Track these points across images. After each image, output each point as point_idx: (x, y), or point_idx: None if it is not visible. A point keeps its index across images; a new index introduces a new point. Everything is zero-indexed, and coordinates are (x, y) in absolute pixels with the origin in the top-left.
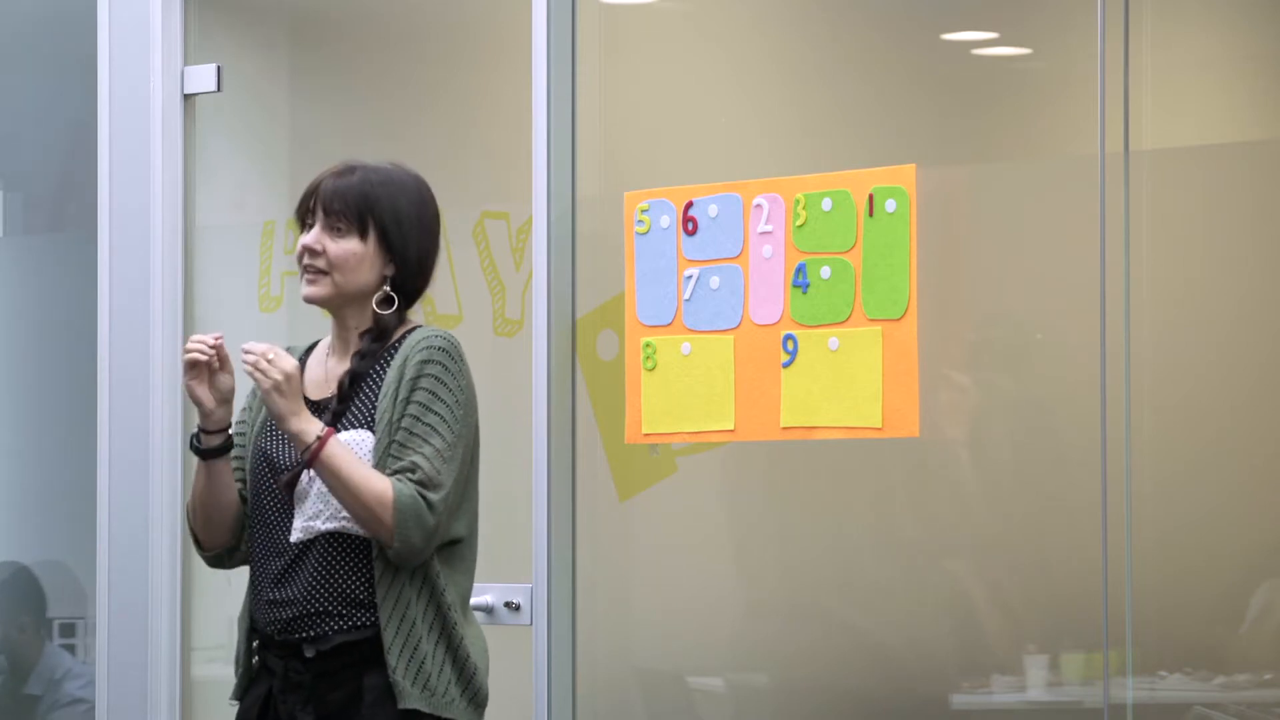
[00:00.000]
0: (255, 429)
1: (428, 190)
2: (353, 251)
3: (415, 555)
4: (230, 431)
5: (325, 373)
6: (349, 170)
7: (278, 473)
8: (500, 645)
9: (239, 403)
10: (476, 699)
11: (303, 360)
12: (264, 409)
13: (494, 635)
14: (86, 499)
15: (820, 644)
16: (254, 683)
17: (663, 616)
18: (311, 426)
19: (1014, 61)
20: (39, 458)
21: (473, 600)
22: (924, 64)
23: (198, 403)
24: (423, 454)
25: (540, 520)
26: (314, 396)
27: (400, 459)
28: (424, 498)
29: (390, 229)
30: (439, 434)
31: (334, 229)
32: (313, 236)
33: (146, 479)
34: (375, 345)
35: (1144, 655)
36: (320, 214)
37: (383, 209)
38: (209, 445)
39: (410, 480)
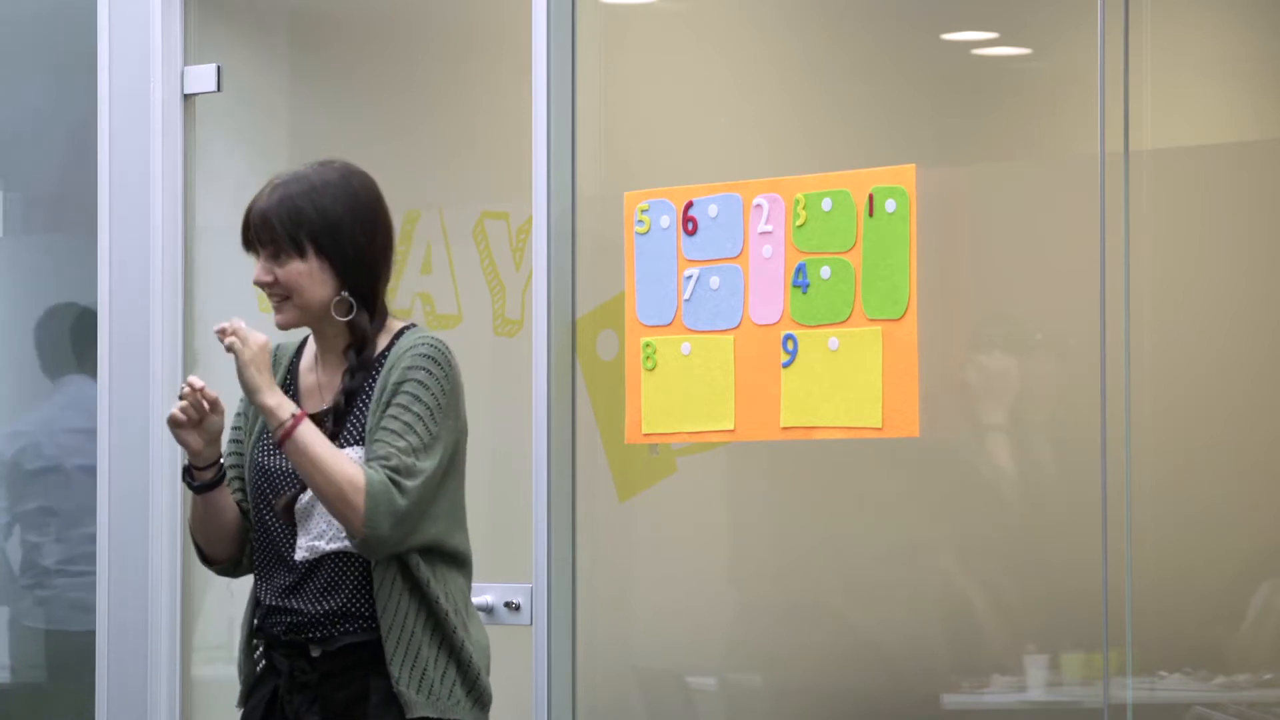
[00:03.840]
0: (252, 439)
1: (359, 180)
2: (300, 272)
3: (383, 545)
4: (222, 457)
5: (316, 381)
6: (272, 190)
7: (277, 491)
8: (500, 645)
9: (230, 408)
10: (481, 699)
11: (294, 361)
12: (259, 419)
13: (494, 635)
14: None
15: (821, 643)
16: (259, 684)
17: (663, 616)
18: (285, 404)
19: (1014, 61)
20: None
21: (474, 600)
22: (924, 64)
23: (185, 446)
24: (396, 446)
25: (540, 520)
26: (308, 409)
27: (374, 451)
28: (395, 484)
29: (323, 237)
30: (414, 430)
31: (274, 256)
32: (260, 269)
33: (146, 479)
34: (362, 358)
35: (1144, 655)
36: (258, 244)
37: (311, 220)
38: (202, 481)
39: (384, 467)
